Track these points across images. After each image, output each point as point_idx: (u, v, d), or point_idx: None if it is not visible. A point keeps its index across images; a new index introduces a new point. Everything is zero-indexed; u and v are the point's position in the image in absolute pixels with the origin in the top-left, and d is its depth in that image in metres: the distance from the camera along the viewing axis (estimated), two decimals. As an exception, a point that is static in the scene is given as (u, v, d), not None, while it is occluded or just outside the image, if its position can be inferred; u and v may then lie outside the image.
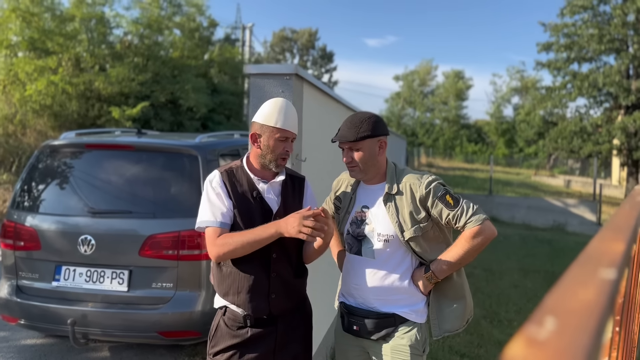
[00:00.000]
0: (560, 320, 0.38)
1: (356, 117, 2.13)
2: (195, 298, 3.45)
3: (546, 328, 0.37)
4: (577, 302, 0.43)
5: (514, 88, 48.46)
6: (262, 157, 2.10)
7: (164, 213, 3.53)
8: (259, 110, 2.13)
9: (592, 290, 0.47)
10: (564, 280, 0.51)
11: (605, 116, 21.95)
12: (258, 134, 2.09)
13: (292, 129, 2.10)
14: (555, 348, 0.33)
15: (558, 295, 0.46)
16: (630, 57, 20.49)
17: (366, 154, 2.10)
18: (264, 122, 2.08)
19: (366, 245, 2.15)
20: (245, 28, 24.79)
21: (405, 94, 53.29)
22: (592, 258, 0.61)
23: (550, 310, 0.40)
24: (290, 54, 48.08)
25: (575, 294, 0.46)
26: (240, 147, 4.25)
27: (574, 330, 0.36)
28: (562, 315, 0.39)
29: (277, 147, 2.08)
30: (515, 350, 0.34)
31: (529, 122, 32.77)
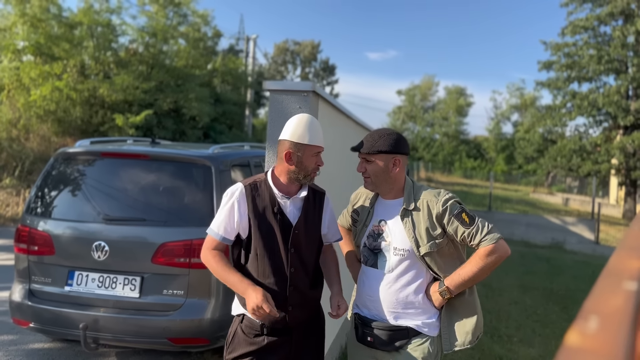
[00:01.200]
0: (601, 319, 0.48)
1: (377, 132, 2.24)
2: (205, 306, 3.52)
3: (592, 324, 0.46)
4: (611, 306, 0.52)
5: (514, 105, 48.81)
6: (294, 173, 2.18)
7: (176, 221, 3.62)
8: (287, 128, 2.18)
9: (620, 298, 0.56)
10: (596, 290, 0.60)
11: (604, 136, 22.15)
12: (292, 152, 2.15)
13: (322, 144, 2.21)
14: (604, 338, 0.43)
15: (594, 301, 0.55)
16: (630, 79, 20.73)
17: (378, 168, 2.20)
18: (297, 140, 2.14)
19: (382, 258, 2.23)
20: (250, 39, 25.04)
21: (406, 108, 53.63)
22: (614, 273, 0.70)
23: (591, 311, 0.50)
24: (292, 66, 48.42)
25: (608, 300, 0.55)
26: (250, 158, 4.35)
27: (614, 326, 0.46)
28: (602, 315, 0.49)
29: (310, 162, 2.18)
30: (572, 340, 0.43)
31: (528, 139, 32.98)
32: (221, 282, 3.51)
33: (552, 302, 6.90)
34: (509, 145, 47.70)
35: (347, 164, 3.99)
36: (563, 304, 6.82)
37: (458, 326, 2.22)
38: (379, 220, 2.27)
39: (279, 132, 2.68)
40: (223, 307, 3.56)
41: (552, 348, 4.99)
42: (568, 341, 0.42)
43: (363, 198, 2.39)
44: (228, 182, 3.77)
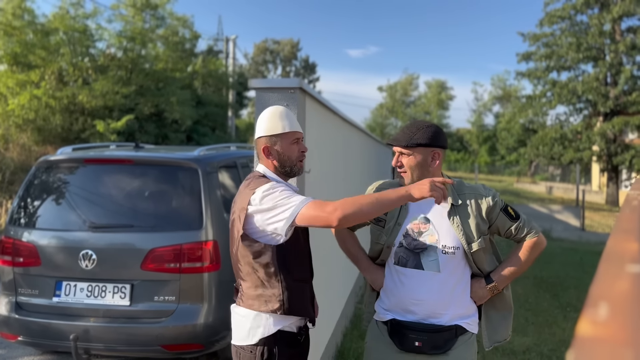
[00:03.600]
0: (611, 305, 0.47)
1: (414, 124, 2.12)
2: (197, 311, 3.48)
3: (602, 311, 0.46)
4: (618, 291, 0.52)
5: (496, 96, 49.23)
6: (281, 167, 2.06)
7: (165, 226, 3.58)
8: (258, 125, 2.08)
9: (626, 281, 0.56)
10: (599, 274, 0.60)
11: (585, 123, 22.45)
12: (269, 146, 2.04)
13: (298, 129, 2.09)
14: (617, 326, 0.42)
15: (600, 287, 0.54)
16: (608, 65, 21.03)
17: (416, 162, 2.07)
18: (268, 132, 2.03)
19: (428, 258, 2.10)
20: (229, 40, 24.90)
21: (388, 104, 53.80)
22: (615, 257, 0.70)
23: (599, 298, 0.49)
24: (272, 65, 48.29)
25: (614, 285, 0.55)
26: (237, 159, 4.32)
27: (626, 311, 0.45)
28: (610, 301, 0.48)
29: (292, 151, 2.06)
30: (584, 329, 0.42)
31: (510, 130, 33.32)
32: (214, 286, 3.51)
33: (542, 290, 6.97)
34: (491, 137, 48.12)
35: (336, 160, 3.98)
36: (554, 291, 6.90)
37: (497, 322, 2.20)
38: (419, 218, 2.14)
39: (264, 131, 2.67)
40: (216, 312, 3.53)
41: (545, 336, 5.04)
42: (580, 331, 0.41)
43: None
44: (215, 184, 3.73)
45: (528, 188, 30.66)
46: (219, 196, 3.73)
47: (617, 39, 21.52)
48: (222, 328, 3.56)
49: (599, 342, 0.39)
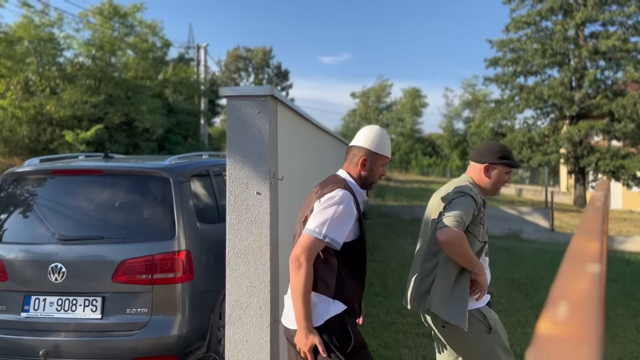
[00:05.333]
0: (570, 304, 0.49)
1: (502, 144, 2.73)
2: (171, 322, 3.43)
3: (562, 310, 0.47)
4: (578, 290, 0.54)
5: (466, 101, 50.03)
6: (364, 179, 2.36)
7: (136, 237, 3.52)
8: (364, 136, 2.36)
9: (586, 281, 0.57)
10: (561, 275, 0.62)
11: (552, 126, 22.98)
12: (367, 159, 2.34)
13: (390, 155, 2.44)
14: (575, 325, 0.44)
15: (561, 285, 0.56)
16: (572, 70, 21.60)
17: None
18: (375, 150, 2.34)
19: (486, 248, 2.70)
20: (200, 47, 24.74)
21: (361, 110, 54.15)
22: (577, 257, 0.72)
23: (560, 297, 0.51)
24: (245, 73, 48.14)
25: (574, 284, 0.56)
26: (209, 167, 4.28)
27: (584, 311, 0.47)
28: (570, 300, 0.50)
29: (379, 171, 2.39)
30: (544, 328, 0.44)
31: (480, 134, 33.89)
32: (187, 296, 3.47)
33: (514, 290, 7.09)
34: (462, 141, 48.85)
35: (309, 167, 3.99)
36: (525, 292, 7.02)
37: None
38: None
39: (239, 138, 2.66)
40: (190, 323, 3.49)
41: (518, 336, 5.12)
42: (540, 330, 0.43)
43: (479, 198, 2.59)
44: (188, 194, 3.70)
45: (499, 191, 31.13)
46: (192, 205, 3.70)
47: (581, 44, 22.14)
48: (196, 339, 3.51)
49: (558, 340, 0.40)
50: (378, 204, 18.90)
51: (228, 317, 2.69)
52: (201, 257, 3.62)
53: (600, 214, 1.27)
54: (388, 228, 13.33)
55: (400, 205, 18.80)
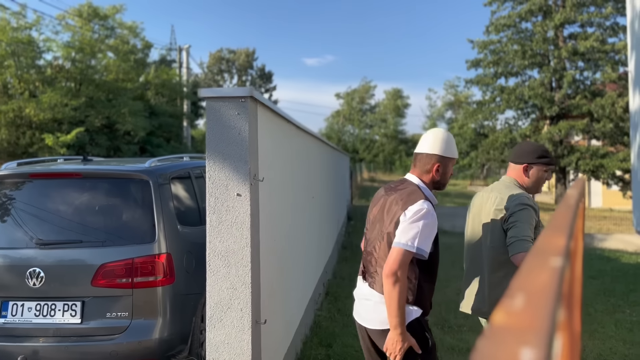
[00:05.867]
0: (527, 296, 0.49)
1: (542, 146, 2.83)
2: (152, 326, 3.40)
3: (518, 302, 0.48)
4: (537, 283, 0.55)
5: (448, 103, 50.47)
6: (436, 183, 2.51)
7: (116, 240, 3.49)
8: (432, 142, 2.49)
9: (546, 274, 0.59)
10: (524, 267, 0.63)
11: (533, 127, 23.26)
12: (440, 164, 2.48)
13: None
14: (529, 314, 0.44)
15: (521, 278, 0.57)
16: (552, 71, 21.91)
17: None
18: (445, 154, 2.48)
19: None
20: (182, 49, 24.59)
21: (345, 111, 54.29)
22: (541, 251, 0.74)
23: (518, 289, 0.52)
24: (228, 75, 47.97)
25: (535, 277, 0.57)
26: (190, 170, 4.25)
27: (540, 302, 0.48)
28: (528, 292, 0.51)
29: (449, 173, 2.52)
30: (498, 319, 0.44)
31: (462, 134, 34.19)
32: (168, 299, 3.45)
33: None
34: (446, 142, 49.15)
35: (291, 168, 3.99)
36: (506, 289, 7.09)
37: None
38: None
39: (218, 140, 2.65)
40: (172, 326, 3.46)
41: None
42: (494, 321, 0.43)
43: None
44: (168, 196, 3.67)
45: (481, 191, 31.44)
46: (172, 208, 3.67)
47: (560, 45, 22.46)
48: (178, 342, 3.49)
49: (509, 330, 0.41)
50: (362, 204, 18.94)
51: (209, 319, 2.68)
52: (182, 259, 3.60)
53: (572, 211, 1.29)
54: (372, 229, 13.36)
55: (384, 206, 18.83)
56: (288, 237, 3.90)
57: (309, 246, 5.15)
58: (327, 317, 5.47)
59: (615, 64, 21.60)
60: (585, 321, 5.65)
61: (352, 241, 10.88)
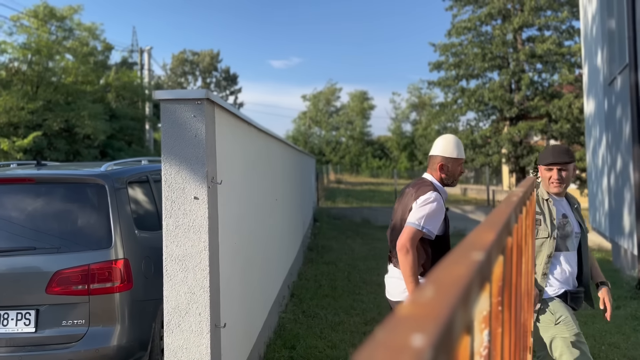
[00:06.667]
0: (437, 288, 0.52)
1: (562, 147, 3.03)
2: (110, 333, 3.34)
3: (427, 293, 0.50)
4: (451, 276, 0.57)
5: (412, 105, 51.15)
6: (445, 179, 2.97)
7: (71, 247, 3.40)
8: (439, 145, 2.98)
9: (463, 267, 0.61)
10: (445, 261, 0.65)
11: (493, 128, 23.82)
12: (444, 164, 2.95)
13: (464, 156, 3.02)
14: (432, 306, 0.46)
15: (439, 271, 0.59)
16: (511, 73, 22.48)
17: (570, 174, 3.01)
18: (449, 155, 2.95)
19: (569, 242, 2.99)
20: (144, 51, 24.18)
21: (311, 113, 54.38)
22: (468, 245, 0.77)
23: (431, 282, 0.54)
24: (192, 77, 47.39)
25: (451, 270, 0.60)
26: (149, 174, 4.19)
27: (445, 294, 0.50)
28: (440, 285, 0.53)
29: (457, 171, 2.98)
30: (404, 309, 0.46)
31: (427, 136, 34.74)
32: (127, 306, 3.39)
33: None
34: (410, 143, 49.88)
35: (251, 171, 3.97)
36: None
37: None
38: (562, 214, 3.00)
39: (174, 142, 2.63)
40: (131, 333, 3.40)
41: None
42: (398, 310, 0.45)
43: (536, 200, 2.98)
44: (125, 200, 3.61)
45: (446, 191, 31.98)
46: (130, 212, 3.61)
47: (519, 48, 23.07)
48: (137, 349, 3.43)
49: (410, 319, 0.42)
50: (328, 206, 19.01)
51: (166, 324, 2.65)
52: (140, 265, 3.54)
53: (512, 208, 1.34)
54: (338, 230, 13.43)
55: (350, 207, 18.97)
56: (250, 239, 3.89)
57: (272, 248, 5.14)
58: (291, 319, 5.47)
59: (571, 66, 22.33)
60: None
61: (319, 243, 10.91)
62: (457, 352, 0.54)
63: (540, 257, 2.93)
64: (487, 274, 0.78)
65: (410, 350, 0.36)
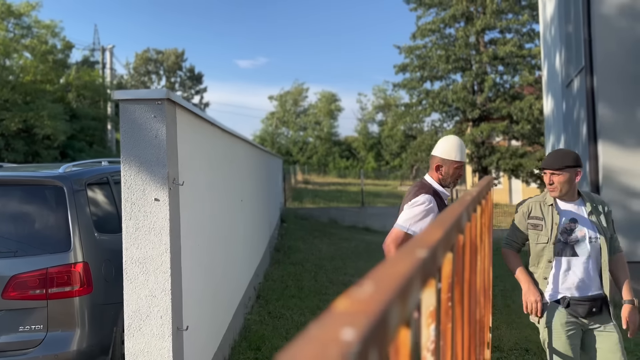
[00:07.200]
0: (375, 285, 0.53)
1: (559, 152, 2.93)
2: (69, 338, 3.26)
3: (366, 289, 0.52)
4: (392, 273, 0.59)
5: (379, 106, 51.65)
6: (443, 181, 2.96)
7: (28, 250, 3.31)
8: (438, 146, 2.99)
9: (404, 265, 0.63)
10: (390, 258, 0.67)
11: (457, 129, 24.27)
12: (439, 165, 2.95)
13: (464, 159, 3.00)
14: (367, 302, 0.48)
15: (382, 269, 0.61)
16: (474, 75, 22.96)
17: (564, 179, 2.85)
18: (445, 156, 2.94)
19: (579, 248, 2.86)
20: (105, 50, 23.66)
21: (279, 114, 54.25)
22: (414, 243, 0.79)
23: (372, 278, 0.56)
24: (156, 76, 46.61)
25: (393, 267, 0.62)
26: (109, 175, 4.11)
27: (381, 290, 0.51)
28: (379, 282, 0.55)
29: (454, 173, 2.96)
30: (338, 304, 0.48)
31: (393, 137, 35.14)
32: (86, 310, 3.32)
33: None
34: (377, 144, 50.35)
35: (214, 172, 3.94)
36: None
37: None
38: (569, 219, 2.89)
39: (134, 143, 2.59)
40: (91, 337, 3.33)
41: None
42: (334, 306, 0.47)
43: (537, 206, 2.97)
44: (84, 202, 3.53)
45: (412, 191, 32.40)
46: (89, 215, 3.53)
47: (481, 50, 23.57)
48: (98, 353, 3.37)
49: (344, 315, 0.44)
50: (296, 207, 19.01)
51: (127, 328, 2.61)
52: (101, 268, 3.47)
53: (464, 207, 1.37)
54: (305, 230, 13.44)
55: (317, 207, 19.01)
56: (214, 241, 3.86)
57: (238, 249, 5.12)
58: (257, 320, 5.45)
59: (532, 68, 22.94)
60: (505, 312, 5.97)
61: (285, 243, 10.90)
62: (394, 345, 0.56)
63: (542, 261, 2.91)
64: (432, 271, 0.81)
65: (339, 343, 0.37)
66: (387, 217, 16.51)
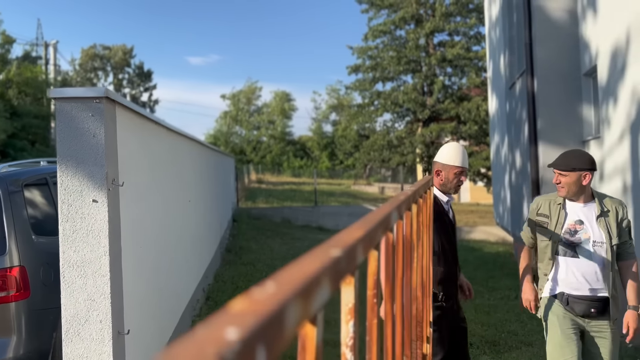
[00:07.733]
0: (277, 285, 0.55)
1: (568, 153, 2.91)
2: (5, 344, 3.13)
3: (268, 289, 0.53)
4: (298, 272, 0.60)
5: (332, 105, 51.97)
6: (443, 186, 2.98)
7: (-41, 254, 3.15)
8: (439, 152, 3.02)
9: (314, 264, 0.64)
10: (299, 260, 0.68)
11: (408, 129, 24.75)
12: (439, 170, 2.97)
13: (464, 165, 2.96)
14: (262, 301, 0.49)
15: (289, 269, 0.62)
16: (423, 77, 23.47)
17: (571, 181, 2.82)
18: (444, 162, 2.97)
19: (582, 250, 2.86)
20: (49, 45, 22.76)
21: (232, 113, 53.68)
22: (332, 242, 0.81)
23: (275, 278, 0.57)
24: (103, 73, 45.21)
25: (302, 266, 0.63)
26: (48, 175, 3.96)
27: (281, 289, 0.53)
28: (282, 281, 0.56)
29: (455, 178, 2.96)
30: (237, 305, 0.49)
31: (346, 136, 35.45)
32: (23, 315, 3.19)
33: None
34: (331, 143, 50.65)
35: (159, 172, 3.87)
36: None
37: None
38: (575, 220, 2.89)
39: (70, 144, 2.52)
40: (28, 343, 3.21)
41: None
42: (230, 305, 0.47)
43: (546, 204, 2.99)
44: (21, 204, 3.39)
45: (364, 189, 32.84)
46: (26, 217, 3.40)
47: (431, 52, 24.13)
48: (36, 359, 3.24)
49: (239, 315, 0.45)
50: (249, 206, 18.87)
51: (65, 333, 2.53)
52: (39, 272, 3.35)
53: (394, 206, 1.41)
54: (258, 230, 13.37)
55: (271, 207, 18.94)
56: (157, 242, 3.79)
57: (184, 250, 5.04)
58: (206, 322, 5.38)
59: (478, 70, 23.67)
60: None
61: (237, 243, 10.81)
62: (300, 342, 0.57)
63: (545, 258, 2.96)
64: (350, 269, 0.83)
65: (219, 343, 0.39)
66: (340, 216, 16.68)
